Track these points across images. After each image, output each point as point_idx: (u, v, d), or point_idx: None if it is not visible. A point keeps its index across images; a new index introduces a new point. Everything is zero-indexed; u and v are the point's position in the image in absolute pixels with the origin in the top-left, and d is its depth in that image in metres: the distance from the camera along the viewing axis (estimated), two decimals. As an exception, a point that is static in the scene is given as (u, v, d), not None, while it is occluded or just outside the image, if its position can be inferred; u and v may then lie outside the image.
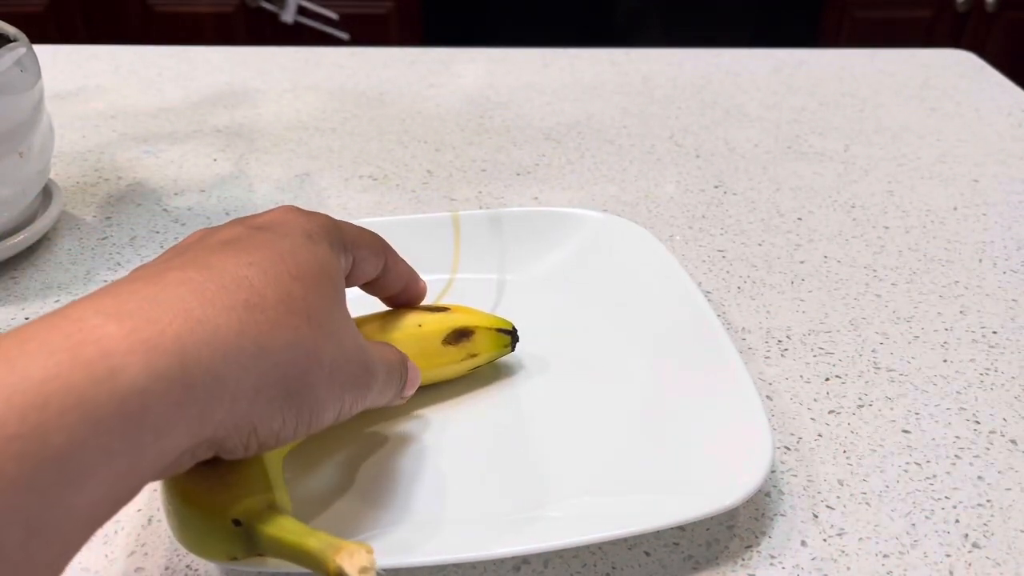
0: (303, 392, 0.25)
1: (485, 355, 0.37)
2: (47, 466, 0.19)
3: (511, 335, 0.38)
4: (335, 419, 0.27)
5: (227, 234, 0.27)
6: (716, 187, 0.57)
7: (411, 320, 0.36)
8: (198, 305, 0.23)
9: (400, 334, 0.35)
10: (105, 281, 0.46)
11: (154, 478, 0.23)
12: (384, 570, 0.27)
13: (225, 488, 0.25)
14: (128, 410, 0.20)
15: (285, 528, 0.25)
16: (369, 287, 0.35)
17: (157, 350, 0.21)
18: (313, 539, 0.24)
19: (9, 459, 0.18)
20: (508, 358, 0.39)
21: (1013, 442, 0.36)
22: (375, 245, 0.33)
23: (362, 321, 0.35)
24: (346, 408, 0.28)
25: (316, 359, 0.26)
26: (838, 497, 0.33)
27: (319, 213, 0.30)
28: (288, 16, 1.65)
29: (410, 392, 0.33)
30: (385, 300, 0.36)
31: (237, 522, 0.25)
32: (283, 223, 0.28)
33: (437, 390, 0.37)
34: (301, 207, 0.31)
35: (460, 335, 0.36)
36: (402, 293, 0.36)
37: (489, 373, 0.39)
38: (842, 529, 0.32)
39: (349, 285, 0.32)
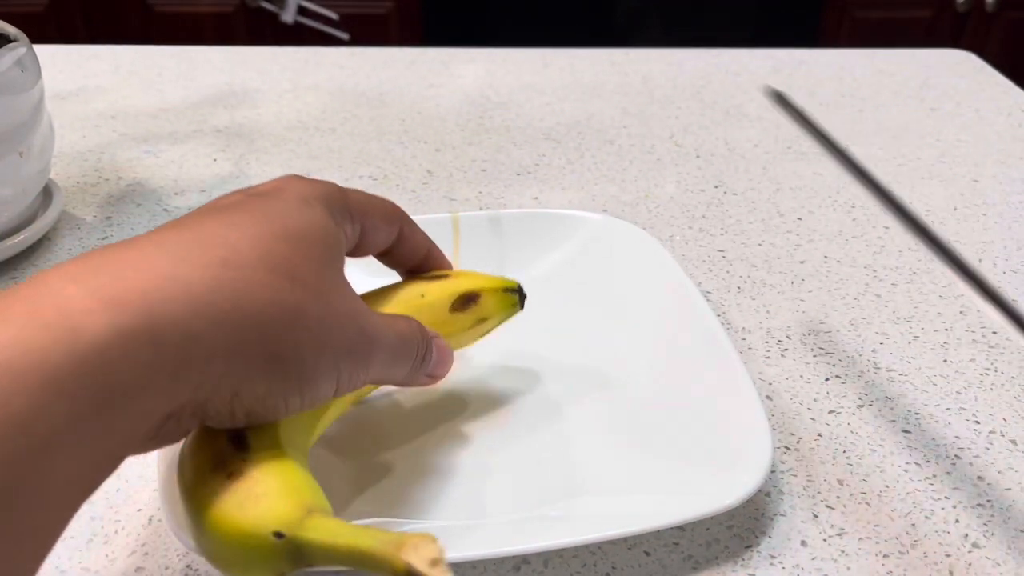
0: (286, 354, 0.24)
1: (495, 318, 0.35)
2: (11, 432, 0.18)
3: (518, 293, 0.36)
4: (335, 390, 0.26)
5: (222, 201, 0.27)
6: (716, 187, 0.57)
7: (413, 291, 0.34)
8: (168, 263, 0.22)
9: (404, 307, 0.33)
10: (105, 281, 0.46)
11: (140, 448, 0.22)
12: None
13: (255, 500, 0.23)
14: (90, 370, 0.19)
15: (333, 532, 0.22)
16: (386, 258, 0.33)
17: (120, 306, 0.20)
18: (368, 538, 0.22)
19: None
20: (508, 359, 0.39)
21: (1013, 442, 0.36)
22: (389, 213, 0.31)
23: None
24: (345, 378, 0.26)
25: (300, 319, 0.24)
26: (838, 497, 0.33)
27: (324, 181, 0.29)
28: (288, 16, 1.65)
29: (441, 371, 0.31)
30: (405, 274, 0.35)
31: (279, 535, 0.22)
32: (281, 189, 0.27)
33: (436, 387, 0.37)
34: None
35: (467, 300, 0.34)
36: (422, 265, 0.34)
37: (489, 373, 0.39)
38: (842, 529, 0.32)
39: (361, 254, 0.32)
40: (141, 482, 0.33)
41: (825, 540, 0.32)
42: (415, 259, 0.34)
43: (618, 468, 0.33)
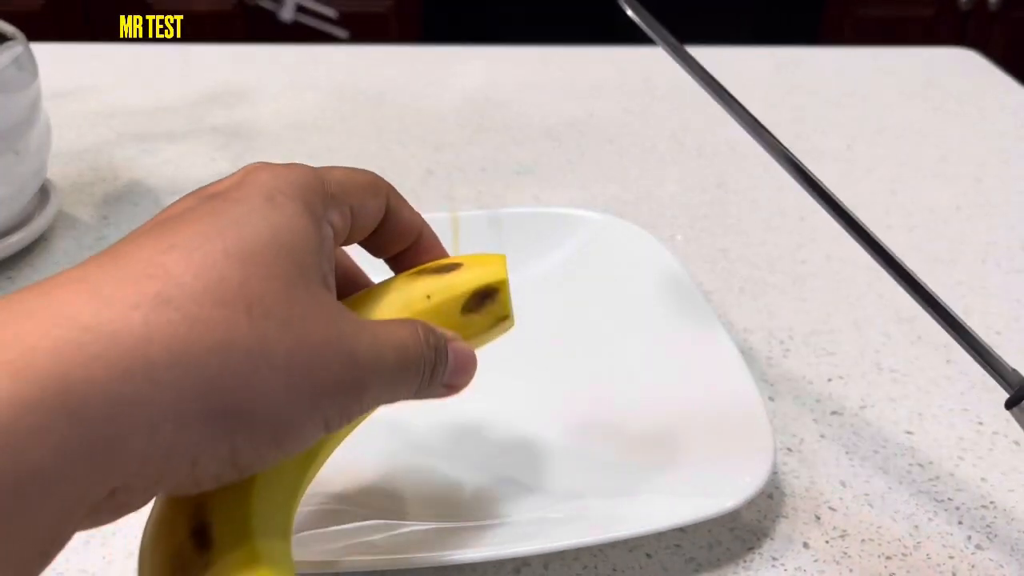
0: (249, 405, 0.19)
1: (512, 320, 0.29)
2: None
3: None
4: (323, 431, 0.22)
5: (171, 210, 0.22)
6: (718, 186, 0.57)
7: (415, 292, 0.27)
8: (89, 309, 0.18)
9: (407, 315, 0.27)
10: (103, 281, 0.46)
11: (82, 527, 0.18)
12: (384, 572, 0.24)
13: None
14: None
15: None
16: (371, 242, 0.27)
17: (24, 373, 0.16)
18: None
19: None
20: (507, 359, 0.38)
21: (1016, 443, 0.36)
22: (373, 185, 0.26)
23: (350, 304, 0.27)
24: (334, 416, 0.22)
25: (263, 360, 0.19)
26: (840, 499, 0.33)
27: (296, 165, 0.24)
28: (287, 14, 1.64)
29: (461, 381, 0.26)
30: (393, 260, 0.28)
31: None
32: (242, 185, 0.22)
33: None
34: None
35: (483, 297, 0.27)
36: (414, 249, 0.28)
37: (488, 373, 0.38)
38: (844, 531, 0.32)
39: (349, 242, 0.27)
40: (138, 484, 0.33)
41: (827, 542, 0.31)
42: (405, 241, 0.28)
43: (619, 469, 0.33)
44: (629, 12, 0.30)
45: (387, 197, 0.27)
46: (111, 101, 0.68)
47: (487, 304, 0.28)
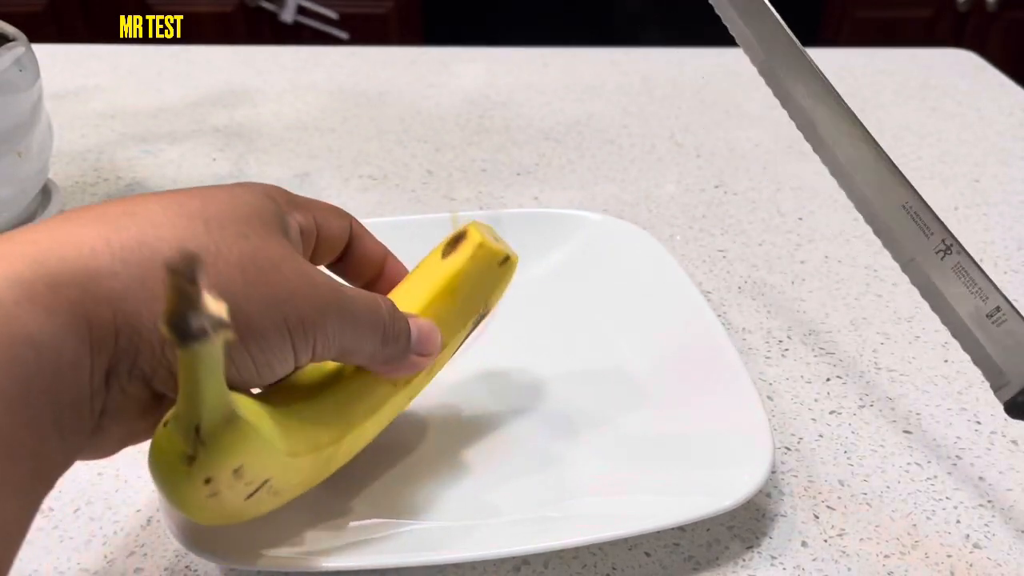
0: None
1: (491, 246, 0.32)
2: None
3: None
4: (292, 352, 0.24)
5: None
6: (716, 187, 0.57)
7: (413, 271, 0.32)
8: (64, 219, 0.22)
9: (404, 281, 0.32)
10: (104, 281, 0.46)
11: (93, 424, 0.21)
12: (383, 569, 0.25)
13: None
14: None
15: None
16: (342, 266, 0.31)
17: (9, 258, 0.20)
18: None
19: None
20: (508, 359, 0.39)
21: (1014, 442, 0.36)
22: (336, 209, 0.30)
23: None
24: (300, 338, 0.24)
25: (219, 257, 0.22)
26: (839, 497, 0.33)
27: (270, 185, 0.28)
28: (287, 15, 1.64)
29: (428, 348, 0.29)
30: (364, 286, 0.32)
31: (197, 430, 0.21)
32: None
33: (436, 387, 0.37)
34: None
35: (455, 241, 0.32)
36: (382, 274, 0.32)
37: (488, 373, 0.38)
38: (843, 530, 0.32)
39: (322, 258, 0.30)
40: (140, 483, 0.33)
41: (826, 541, 0.32)
42: (373, 265, 0.31)
43: (618, 468, 0.33)
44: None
45: (351, 222, 0.30)
46: (112, 102, 0.68)
47: (460, 243, 0.32)
